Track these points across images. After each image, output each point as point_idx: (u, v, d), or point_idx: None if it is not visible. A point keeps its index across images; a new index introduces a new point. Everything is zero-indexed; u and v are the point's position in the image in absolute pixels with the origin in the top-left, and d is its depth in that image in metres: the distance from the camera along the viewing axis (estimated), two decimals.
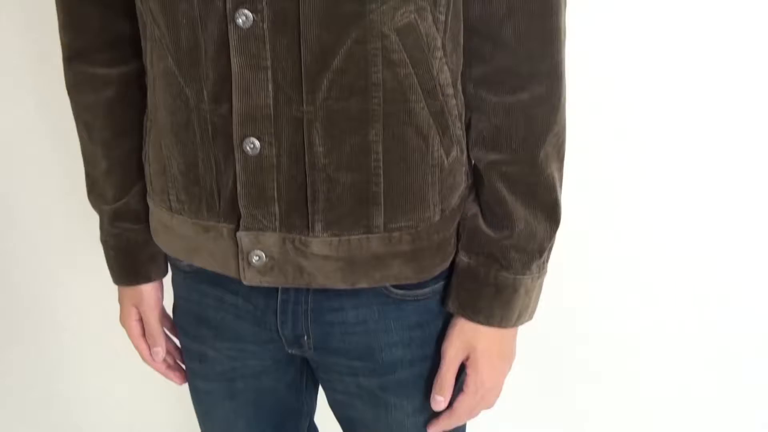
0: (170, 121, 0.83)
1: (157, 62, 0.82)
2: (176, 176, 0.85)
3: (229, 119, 0.78)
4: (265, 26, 0.74)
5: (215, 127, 0.79)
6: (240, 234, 0.82)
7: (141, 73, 0.91)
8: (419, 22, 0.76)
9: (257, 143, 0.78)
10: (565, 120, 0.84)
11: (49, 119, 1.51)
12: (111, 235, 0.97)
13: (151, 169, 0.90)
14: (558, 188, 0.86)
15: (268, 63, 0.75)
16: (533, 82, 0.80)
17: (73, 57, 0.91)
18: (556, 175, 0.85)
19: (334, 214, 0.80)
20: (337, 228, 0.81)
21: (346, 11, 0.73)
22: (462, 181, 0.86)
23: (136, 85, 0.92)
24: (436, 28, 0.77)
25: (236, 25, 0.74)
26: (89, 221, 1.02)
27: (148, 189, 0.93)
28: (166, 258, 1.00)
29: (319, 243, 0.81)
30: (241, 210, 0.81)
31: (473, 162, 0.87)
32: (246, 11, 0.73)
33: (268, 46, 0.74)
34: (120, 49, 0.91)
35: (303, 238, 0.81)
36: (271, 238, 0.81)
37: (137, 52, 0.89)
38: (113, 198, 0.96)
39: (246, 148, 0.78)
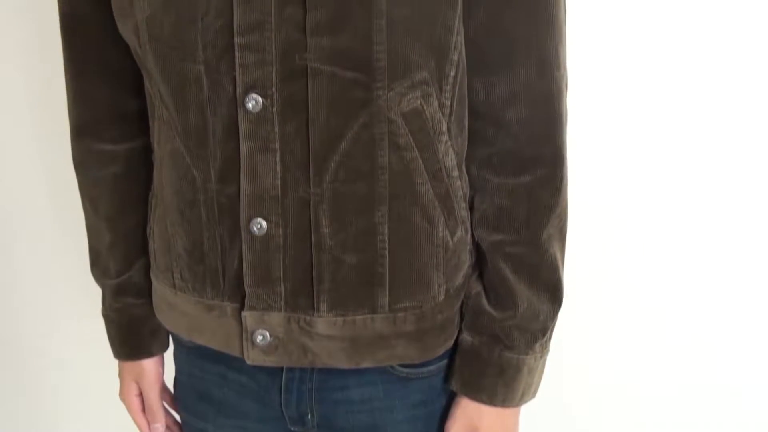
0: (176, 200, 0.83)
1: (164, 143, 0.83)
2: (181, 254, 0.85)
3: (236, 200, 0.79)
4: (274, 110, 0.75)
5: (222, 207, 0.80)
6: (245, 314, 0.82)
7: (147, 149, 0.92)
8: (425, 107, 0.77)
9: (264, 224, 0.79)
10: (567, 201, 0.85)
11: (53, 183, 1.52)
12: (113, 310, 0.97)
13: (155, 245, 0.91)
14: (560, 268, 0.86)
15: (277, 146, 0.76)
16: (536, 165, 0.82)
17: (81, 133, 0.93)
18: (558, 255, 0.86)
19: (340, 294, 0.80)
20: (342, 308, 0.81)
21: (354, 97, 0.75)
22: (466, 260, 0.87)
23: (143, 161, 0.93)
24: (442, 113, 0.79)
25: (246, 110, 0.75)
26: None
27: (151, 265, 0.93)
28: (168, 332, 1.00)
29: (324, 323, 0.81)
30: (247, 290, 0.81)
31: (477, 241, 0.88)
32: (256, 96, 0.75)
33: (276, 130, 0.76)
34: (128, 125, 0.93)
35: (308, 317, 0.81)
36: (276, 318, 0.82)
37: (144, 128, 0.91)
38: (116, 272, 0.96)
39: (253, 228, 0.79)
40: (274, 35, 0.73)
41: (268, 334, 0.82)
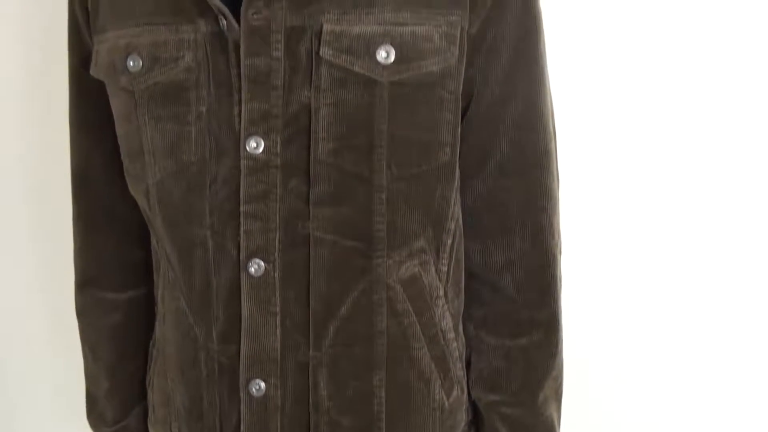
0: (178, 356, 0.84)
1: (169, 301, 0.84)
2: (179, 410, 0.86)
3: (236, 360, 0.80)
4: (276, 275, 0.77)
5: (222, 366, 0.81)
6: None
7: (149, 297, 0.94)
8: (423, 274, 0.79)
9: (263, 385, 0.79)
10: (562, 364, 0.86)
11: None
12: None
13: (154, 397, 0.91)
14: (557, 429, 0.87)
15: (278, 309, 0.78)
16: (532, 328, 0.83)
17: (85, 283, 0.94)
18: (554, 415, 0.86)
19: None
20: None
21: (354, 264, 0.77)
22: (462, 420, 0.87)
23: (144, 310, 0.95)
24: (439, 279, 0.81)
25: (248, 274, 0.77)
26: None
27: (149, 415, 0.93)
28: None
29: None
30: None
31: (473, 399, 0.89)
32: (259, 261, 0.77)
33: (278, 294, 0.78)
34: (131, 274, 0.94)
35: None
36: None
37: (147, 278, 0.93)
38: (113, 420, 0.96)
39: (251, 389, 0.80)
40: (279, 205, 0.75)
41: None
